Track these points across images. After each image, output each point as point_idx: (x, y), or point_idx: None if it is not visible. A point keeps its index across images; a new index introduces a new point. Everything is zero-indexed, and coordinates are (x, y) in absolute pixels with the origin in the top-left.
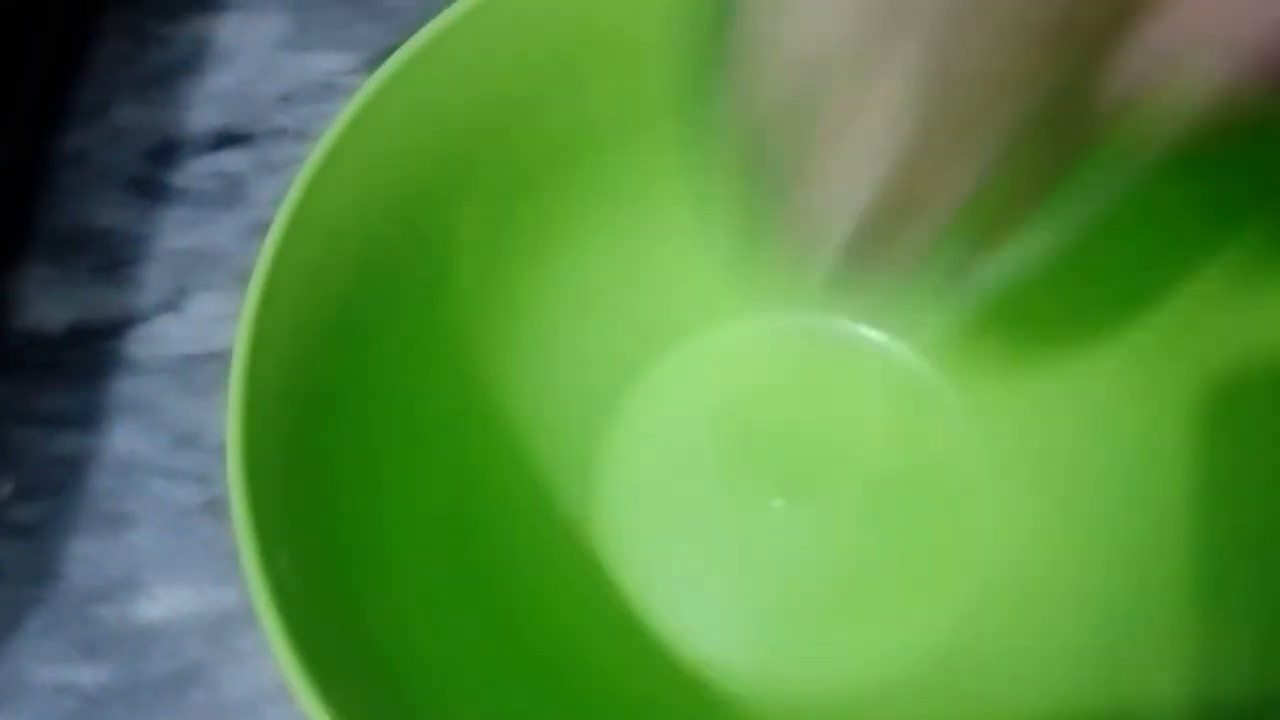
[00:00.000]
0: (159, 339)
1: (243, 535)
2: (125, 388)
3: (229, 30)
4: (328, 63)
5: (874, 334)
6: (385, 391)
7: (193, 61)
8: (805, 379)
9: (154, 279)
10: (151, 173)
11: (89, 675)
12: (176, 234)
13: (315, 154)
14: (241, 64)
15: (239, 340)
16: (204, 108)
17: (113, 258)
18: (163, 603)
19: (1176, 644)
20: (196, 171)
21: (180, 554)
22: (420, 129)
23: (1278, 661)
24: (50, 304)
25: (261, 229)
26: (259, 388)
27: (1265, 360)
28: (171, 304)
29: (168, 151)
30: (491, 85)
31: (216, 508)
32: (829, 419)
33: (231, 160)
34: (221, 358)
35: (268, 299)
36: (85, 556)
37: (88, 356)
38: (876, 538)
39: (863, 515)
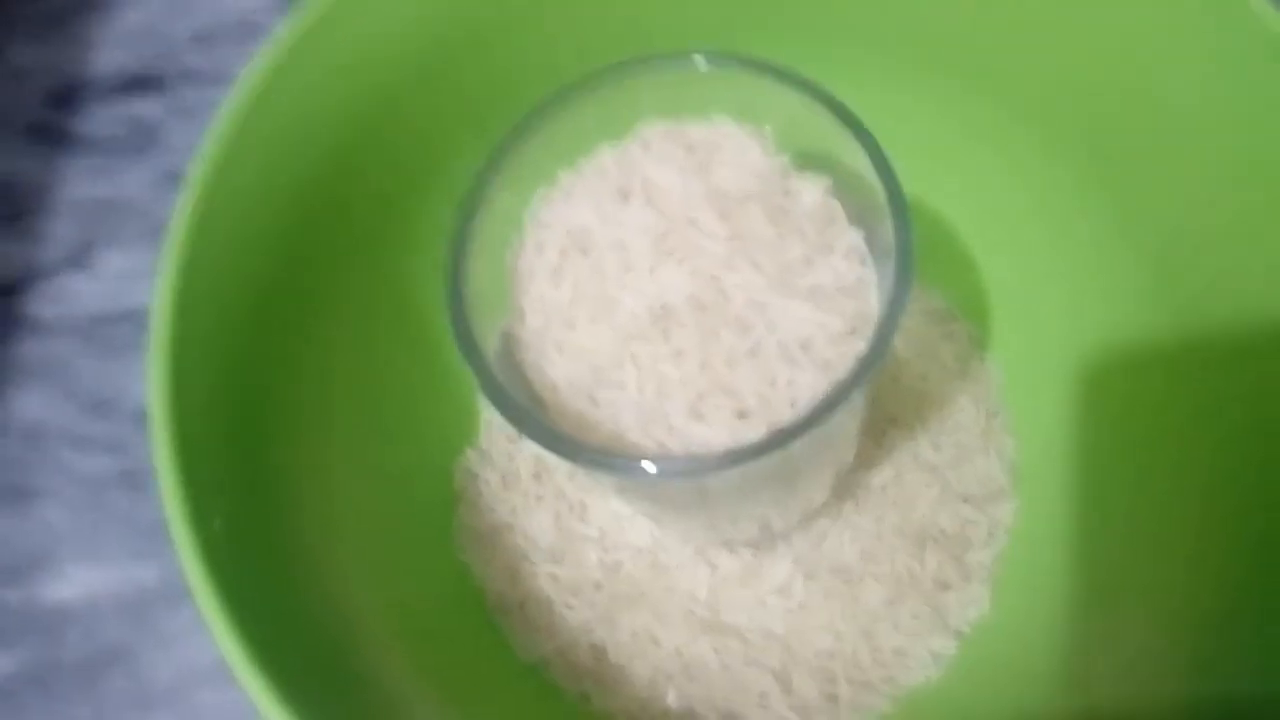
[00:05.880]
0: (65, 297)
1: (170, 502)
2: (29, 350)
3: None
4: (244, 0)
5: None
6: (324, 344)
7: None
8: None
9: (58, 232)
10: (53, 118)
11: None
12: (82, 183)
13: (238, 97)
14: (152, 1)
15: (160, 298)
16: (111, 48)
17: (12, 209)
18: (76, 582)
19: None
20: (103, 117)
21: (94, 529)
22: (350, 70)
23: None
24: None
25: (175, 178)
26: (184, 346)
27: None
28: (78, 259)
29: (71, 95)
30: (424, 25)
31: (133, 479)
32: None
33: (142, 105)
34: (134, 317)
35: (191, 252)
36: None
37: None
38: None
39: None
